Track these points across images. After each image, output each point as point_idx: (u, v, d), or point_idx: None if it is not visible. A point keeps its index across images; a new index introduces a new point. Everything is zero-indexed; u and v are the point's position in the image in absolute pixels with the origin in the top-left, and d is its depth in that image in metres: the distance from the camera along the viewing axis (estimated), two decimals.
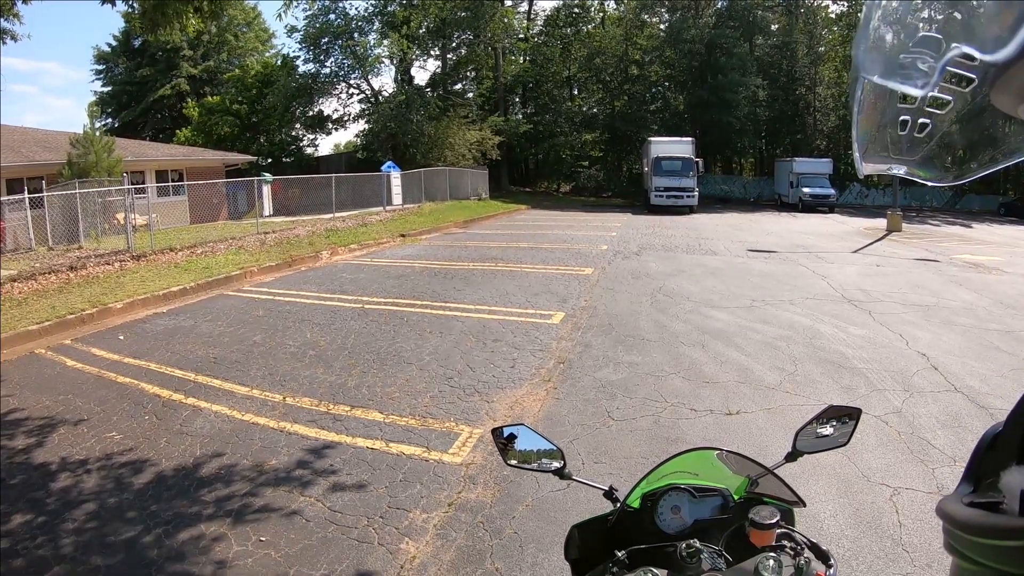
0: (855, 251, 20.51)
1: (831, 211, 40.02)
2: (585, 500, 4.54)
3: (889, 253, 20.20)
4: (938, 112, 0.96)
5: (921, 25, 0.94)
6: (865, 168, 1.14)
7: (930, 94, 0.94)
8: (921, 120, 0.98)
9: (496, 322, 10.39)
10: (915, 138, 1.01)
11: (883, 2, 1.02)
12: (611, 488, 1.95)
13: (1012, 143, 0.93)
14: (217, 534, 4.48)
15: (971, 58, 0.87)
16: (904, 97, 0.99)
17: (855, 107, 1.07)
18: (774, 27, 56.69)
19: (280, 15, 20.47)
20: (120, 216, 18.73)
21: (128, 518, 4.70)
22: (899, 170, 1.08)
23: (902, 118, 1.01)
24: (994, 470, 1.03)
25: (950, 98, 0.93)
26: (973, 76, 0.89)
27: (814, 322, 10.31)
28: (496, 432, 2.05)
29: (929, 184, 1.08)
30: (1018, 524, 0.88)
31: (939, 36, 0.90)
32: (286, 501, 4.90)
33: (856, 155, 1.14)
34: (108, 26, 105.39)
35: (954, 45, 0.88)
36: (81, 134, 23.59)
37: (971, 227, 32.78)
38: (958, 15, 0.89)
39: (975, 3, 0.88)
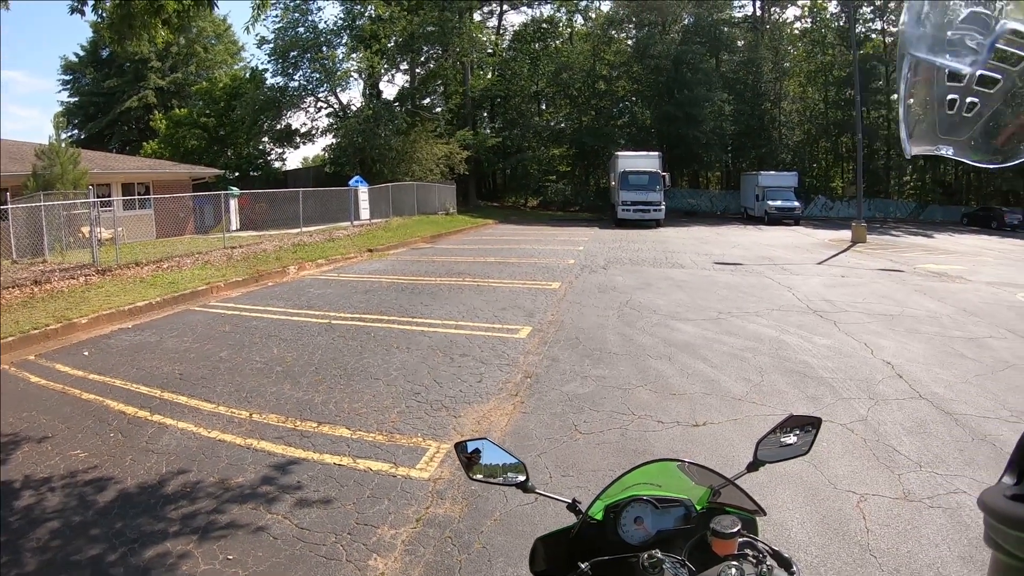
0: (820, 263, 20.77)
1: (796, 223, 40.58)
2: (553, 513, 4.53)
3: (854, 264, 20.48)
4: (987, 91, 0.94)
5: (969, 1, 0.93)
6: (912, 149, 1.11)
7: (979, 72, 0.93)
8: (969, 99, 0.96)
9: (463, 337, 10.35)
10: (964, 118, 0.98)
11: None
12: (574, 500, 1.94)
13: None
14: (183, 552, 4.39)
15: (1021, 35, 0.86)
16: (952, 75, 0.97)
17: (902, 85, 1.05)
18: (740, 43, 57.53)
19: (248, 27, 20.44)
20: (85, 230, 18.47)
21: (93, 536, 4.59)
22: (947, 151, 1.05)
23: (950, 97, 0.99)
24: None
25: (1000, 76, 0.92)
26: (1022, 54, 0.88)
27: (780, 333, 10.40)
28: (459, 447, 2.03)
29: (978, 165, 1.06)
30: None
31: (988, 12, 0.89)
32: (253, 518, 4.82)
33: (903, 135, 1.10)
34: (76, 36, 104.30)
35: (1004, 21, 0.87)
36: (47, 145, 23.31)
37: (934, 237, 33.38)
38: None
39: None
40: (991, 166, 1.03)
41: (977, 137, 0.99)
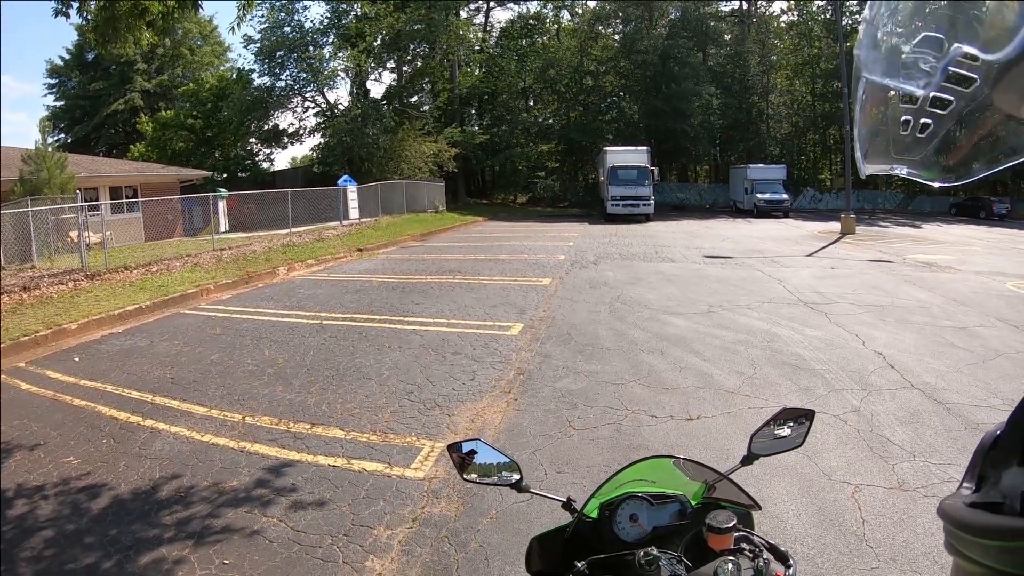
0: (810, 255, 20.84)
1: (785, 216, 40.74)
2: (549, 511, 4.52)
3: (844, 255, 20.55)
4: (940, 112, 0.95)
5: (923, 25, 0.94)
6: (867, 168, 1.13)
7: (932, 94, 0.94)
8: (923, 120, 0.98)
9: (455, 335, 10.34)
10: (917, 138, 1.00)
11: (885, 2, 1.02)
12: (569, 499, 1.94)
13: (1014, 143, 0.92)
14: (179, 557, 4.37)
15: (973, 58, 0.87)
16: (906, 97, 0.99)
17: (857, 107, 1.07)
18: (727, 37, 57.59)
19: (233, 28, 20.27)
20: (74, 234, 18.42)
21: (88, 544, 4.56)
22: (901, 170, 1.07)
23: (904, 118, 1.00)
24: (995, 471, 1.03)
25: (952, 98, 0.93)
26: (975, 76, 0.88)
27: (771, 326, 10.42)
28: (453, 448, 2.03)
29: (933, 184, 1.07)
30: (1019, 525, 0.88)
31: (941, 36, 0.90)
32: (248, 522, 4.80)
33: (858, 155, 1.12)
34: (61, 39, 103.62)
35: (956, 45, 0.88)
36: (33, 150, 23.18)
37: (923, 228, 33.53)
38: (960, 15, 0.89)
39: (976, 3, 0.88)
40: (944, 184, 1.05)
41: (930, 157, 1.01)
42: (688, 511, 1.86)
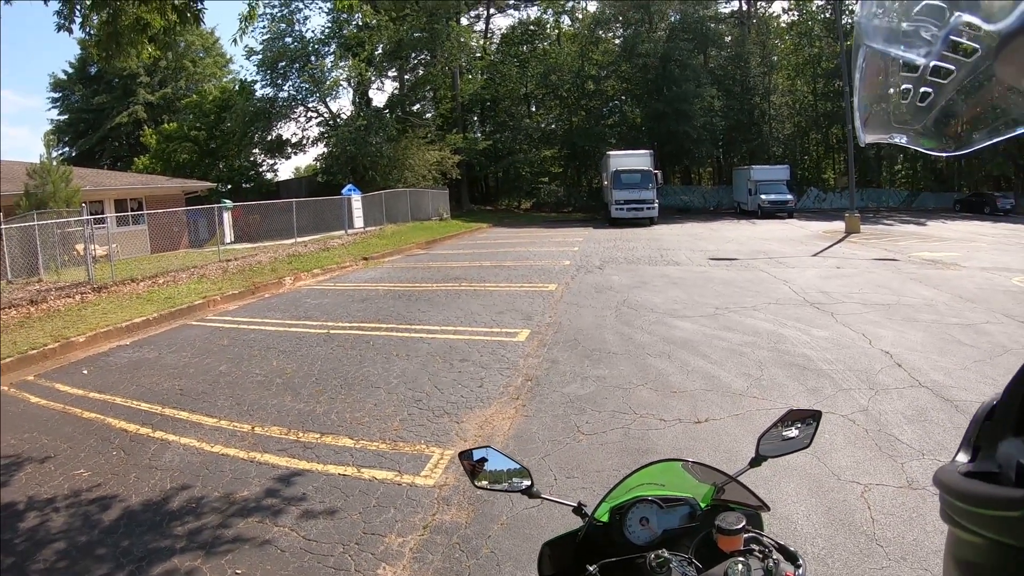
0: (815, 254, 20.81)
1: (790, 216, 40.68)
2: (559, 516, 4.54)
3: (848, 255, 20.53)
4: (941, 81, 0.95)
5: None
6: (867, 137, 1.13)
7: (933, 63, 0.94)
8: (923, 89, 0.97)
9: (462, 342, 10.36)
10: (917, 107, 0.99)
11: None
12: (580, 504, 1.96)
13: (1015, 114, 0.92)
14: (191, 568, 4.39)
15: (975, 27, 0.88)
16: (907, 65, 0.98)
17: (856, 75, 1.07)
18: (727, 39, 57.55)
19: (236, 39, 20.51)
20: (80, 247, 18.48)
21: (99, 555, 4.59)
22: (900, 139, 1.07)
23: (904, 87, 1.00)
24: (991, 441, 1.05)
25: (953, 67, 0.93)
26: (977, 46, 0.89)
27: (778, 327, 10.42)
28: (464, 455, 2.04)
29: (932, 154, 1.08)
30: (1015, 495, 0.89)
31: (943, 4, 0.90)
32: (260, 532, 4.82)
33: (857, 124, 1.12)
34: (64, 53, 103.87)
35: (958, 14, 0.88)
36: (38, 164, 23.26)
37: (927, 225, 33.43)
38: None
39: None
40: (943, 154, 1.05)
41: (930, 126, 1.01)
42: (698, 513, 1.87)
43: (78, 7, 7.43)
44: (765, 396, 7.24)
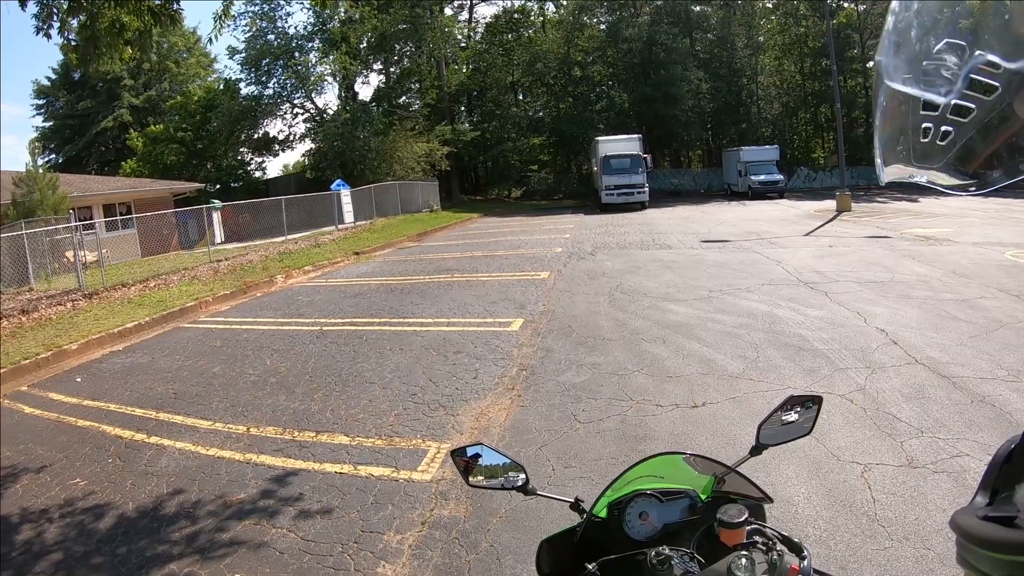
0: (807, 234, 20.81)
1: (781, 196, 40.67)
2: (559, 507, 4.45)
3: (841, 233, 20.53)
4: (961, 120, 0.94)
5: (945, 32, 0.92)
6: (886, 176, 1.12)
7: (953, 102, 0.93)
8: (944, 128, 0.97)
9: (456, 334, 10.32)
10: (937, 146, 0.99)
11: (905, 8, 1.01)
12: (577, 499, 1.92)
13: None
14: (189, 573, 4.34)
15: (995, 66, 0.85)
16: (927, 104, 0.98)
17: (877, 113, 1.06)
18: (712, 21, 57.49)
19: (212, 38, 20.26)
20: (70, 254, 18.39)
21: (96, 564, 4.55)
22: (921, 178, 1.06)
23: (924, 125, 0.99)
24: (1009, 484, 1.02)
25: (974, 106, 0.91)
26: (997, 84, 0.87)
27: (772, 307, 10.40)
28: (456, 453, 2.00)
29: (952, 194, 1.06)
30: None
31: (963, 43, 0.89)
32: (257, 534, 4.78)
33: (878, 162, 1.12)
34: (46, 59, 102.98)
35: (978, 53, 0.87)
36: (24, 172, 23.12)
37: (919, 201, 33.43)
38: (983, 20, 0.87)
39: (1001, 9, 0.86)
40: (964, 194, 1.04)
41: (951, 165, 1.01)
42: (698, 506, 1.83)
43: (55, 11, 7.34)
44: (762, 378, 7.21)
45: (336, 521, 4.89)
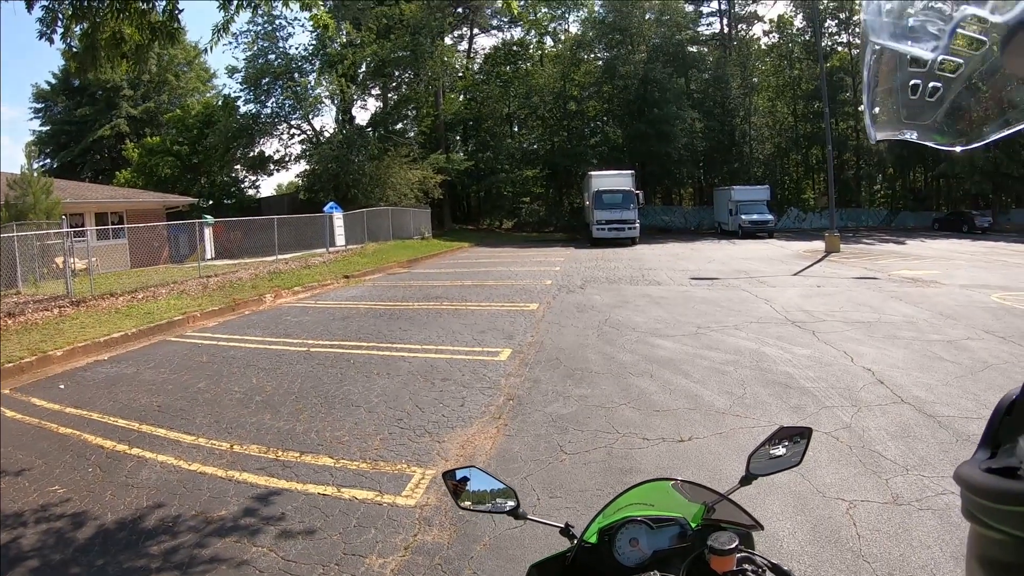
0: (795, 273, 20.93)
1: (770, 236, 41.00)
2: (543, 536, 4.48)
3: (829, 273, 20.66)
4: (949, 75, 0.95)
5: None
6: (877, 135, 1.11)
7: (941, 57, 0.94)
8: (932, 84, 0.97)
9: (443, 361, 10.30)
10: (926, 102, 0.99)
11: None
12: (567, 525, 1.91)
13: None
14: None
15: (982, 20, 0.87)
16: (914, 60, 0.98)
17: (864, 72, 1.06)
18: (708, 60, 58.19)
19: (208, 48, 20.50)
20: (59, 260, 18.34)
21: (72, 574, 4.49)
22: (911, 135, 1.06)
23: (912, 82, 1.00)
24: (1011, 436, 1.03)
25: (961, 61, 0.93)
26: (984, 39, 0.88)
27: (760, 345, 10.43)
28: (447, 475, 2.00)
29: (942, 149, 1.07)
30: None
31: None
32: (237, 552, 4.72)
33: (867, 121, 1.11)
34: (47, 63, 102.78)
35: (963, 7, 0.88)
36: (19, 175, 23.09)
37: (907, 243, 33.80)
38: None
39: None
40: (955, 148, 1.04)
41: (940, 121, 1.01)
42: (688, 533, 1.83)
43: (60, 16, 7.38)
44: (748, 414, 7.22)
45: (318, 542, 4.84)
